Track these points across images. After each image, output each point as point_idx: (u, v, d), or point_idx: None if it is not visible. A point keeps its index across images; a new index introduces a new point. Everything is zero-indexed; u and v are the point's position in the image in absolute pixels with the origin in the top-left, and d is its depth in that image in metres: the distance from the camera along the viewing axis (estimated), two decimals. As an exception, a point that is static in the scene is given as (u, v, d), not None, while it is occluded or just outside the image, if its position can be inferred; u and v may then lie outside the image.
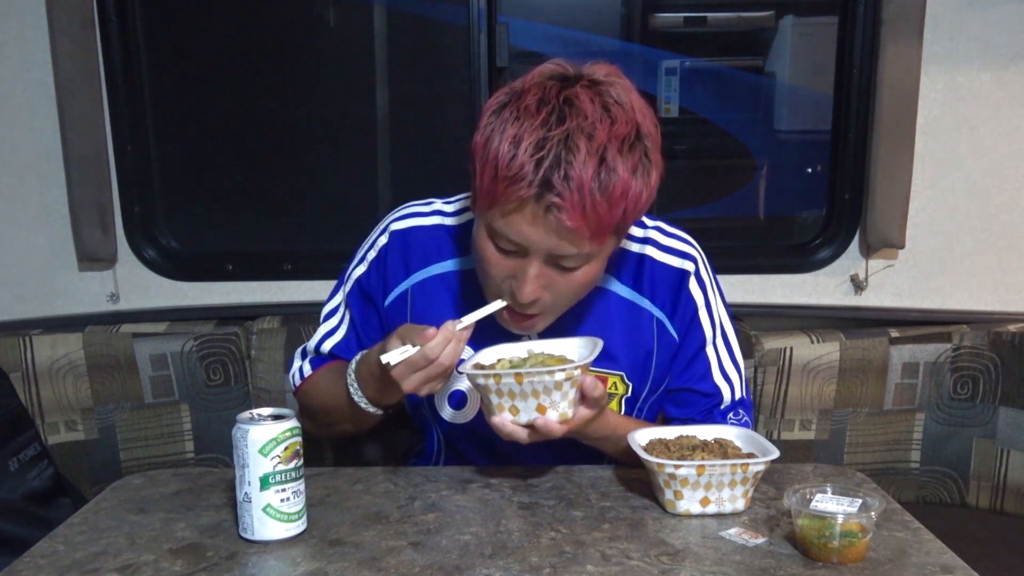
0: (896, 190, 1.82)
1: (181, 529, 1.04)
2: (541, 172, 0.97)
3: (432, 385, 1.06)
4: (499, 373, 1.03)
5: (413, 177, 2.19)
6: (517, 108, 1.00)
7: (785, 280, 1.95)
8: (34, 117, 1.85)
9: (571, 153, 0.97)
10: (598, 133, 0.98)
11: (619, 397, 1.26)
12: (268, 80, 2.10)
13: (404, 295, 1.26)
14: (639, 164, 1.01)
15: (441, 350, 1.03)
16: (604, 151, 0.98)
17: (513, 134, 0.99)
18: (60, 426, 1.79)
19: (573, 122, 0.98)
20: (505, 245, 1.05)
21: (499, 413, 1.05)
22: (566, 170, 0.97)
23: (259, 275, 1.96)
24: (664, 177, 1.08)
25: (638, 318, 1.24)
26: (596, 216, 0.99)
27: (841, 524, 0.94)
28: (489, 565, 0.94)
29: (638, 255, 1.25)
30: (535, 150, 0.97)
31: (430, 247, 1.26)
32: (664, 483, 1.06)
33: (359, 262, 1.30)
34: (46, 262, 1.92)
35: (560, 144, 0.97)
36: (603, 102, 1.00)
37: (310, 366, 1.33)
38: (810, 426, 1.81)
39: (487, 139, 1.02)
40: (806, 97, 2.30)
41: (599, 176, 0.97)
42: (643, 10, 2.29)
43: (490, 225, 1.05)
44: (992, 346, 1.80)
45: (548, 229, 1.00)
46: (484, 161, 1.01)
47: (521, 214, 1.00)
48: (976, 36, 1.81)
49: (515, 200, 0.99)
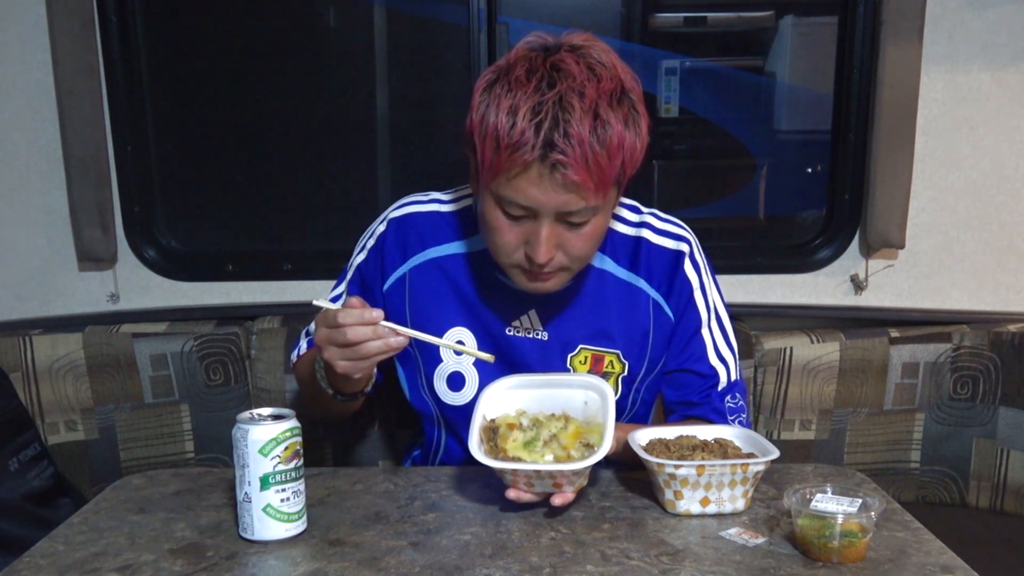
0: (896, 190, 1.82)
1: (181, 529, 1.04)
2: (542, 134, 1.02)
3: (347, 362, 1.07)
4: (516, 468, 1.03)
5: (413, 177, 2.19)
6: (508, 81, 1.05)
7: (785, 280, 1.95)
8: (34, 117, 1.84)
9: (567, 112, 1.02)
10: (588, 91, 1.03)
11: (616, 376, 1.28)
12: (268, 80, 2.10)
13: (402, 279, 1.29)
14: (629, 116, 1.07)
15: (350, 320, 1.04)
16: (596, 107, 1.03)
17: (509, 104, 1.03)
18: (60, 426, 1.79)
19: (563, 84, 1.03)
20: (514, 211, 1.09)
21: (514, 487, 1.06)
22: (565, 128, 1.02)
23: (259, 275, 1.96)
24: (665, 175, 1.10)
25: (634, 298, 1.27)
26: (598, 168, 1.04)
27: (841, 524, 0.94)
28: (489, 565, 0.94)
29: (635, 238, 1.28)
30: (532, 115, 1.02)
31: (427, 232, 1.29)
32: (664, 483, 1.06)
33: (360, 251, 1.35)
34: (46, 262, 1.92)
35: (555, 106, 1.02)
36: (587, 63, 1.06)
37: (306, 345, 1.39)
38: (810, 426, 1.81)
39: (483, 116, 1.06)
40: (806, 97, 2.30)
41: (596, 130, 1.03)
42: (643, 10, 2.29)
43: (497, 194, 1.09)
44: (992, 346, 1.80)
45: (555, 186, 1.04)
46: (483, 136, 1.06)
47: (527, 177, 1.05)
48: (976, 36, 1.81)
49: (520, 165, 1.04)
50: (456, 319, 1.25)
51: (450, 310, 1.26)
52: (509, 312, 1.25)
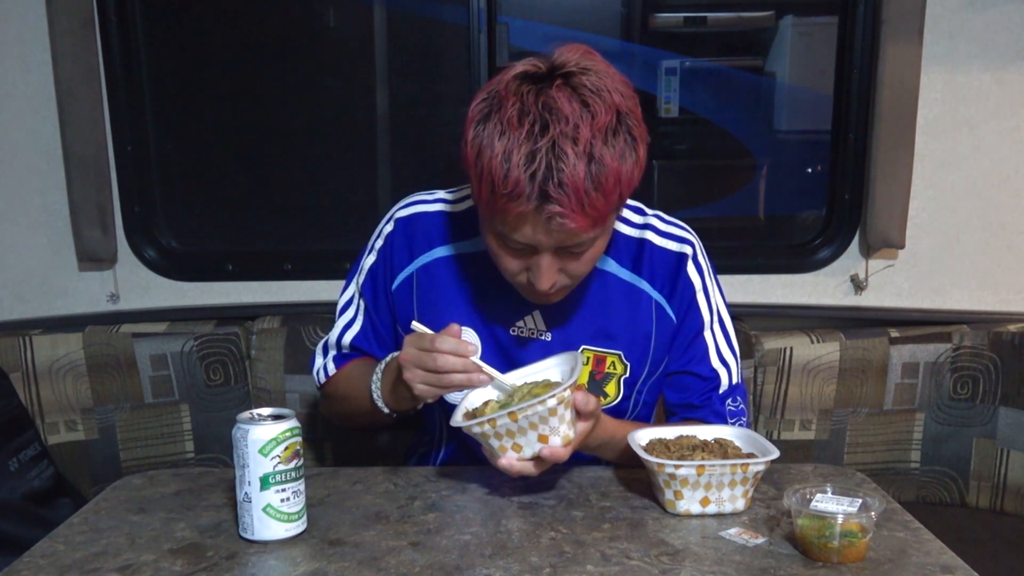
0: (896, 190, 1.82)
1: (181, 529, 1.04)
2: (536, 185, 1.01)
3: (427, 387, 1.09)
4: (493, 417, 1.03)
5: (413, 177, 2.19)
6: (500, 121, 1.03)
7: (785, 280, 1.95)
8: (34, 117, 1.84)
9: (560, 160, 1.00)
10: (582, 132, 1.01)
11: (617, 377, 1.28)
12: (268, 80, 2.10)
13: (410, 279, 1.29)
14: (624, 147, 1.05)
15: (446, 347, 1.06)
16: (591, 149, 1.02)
17: (502, 149, 1.02)
18: (60, 426, 1.79)
19: (556, 128, 1.01)
20: (514, 244, 1.09)
21: (503, 455, 1.05)
22: (559, 177, 1.00)
23: (259, 275, 1.96)
24: (665, 175, 1.11)
25: (637, 300, 1.27)
26: (595, 209, 1.03)
27: (841, 524, 0.94)
28: (489, 565, 0.94)
29: (638, 240, 1.28)
30: (527, 163, 1.01)
31: (433, 231, 1.30)
32: (664, 483, 1.06)
33: (369, 252, 1.34)
34: (46, 262, 1.92)
35: (549, 153, 1.01)
36: (580, 98, 1.03)
37: (334, 364, 1.38)
38: (810, 426, 1.81)
39: (478, 153, 1.05)
40: (806, 97, 2.30)
41: (591, 174, 1.01)
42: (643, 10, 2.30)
43: (496, 230, 1.10)
44: (992, 346, 1.80)
45: (552, 231, 1.05)
46: (479, 176, 1.05)
47: (524, 223, 1.05)
48: (976, 36, 1.81)
49: (515, 214, 1.04)
50: (462, 319, 1.25)
51: (456, 310, 1.27)
52: (513, 313, 1.26)
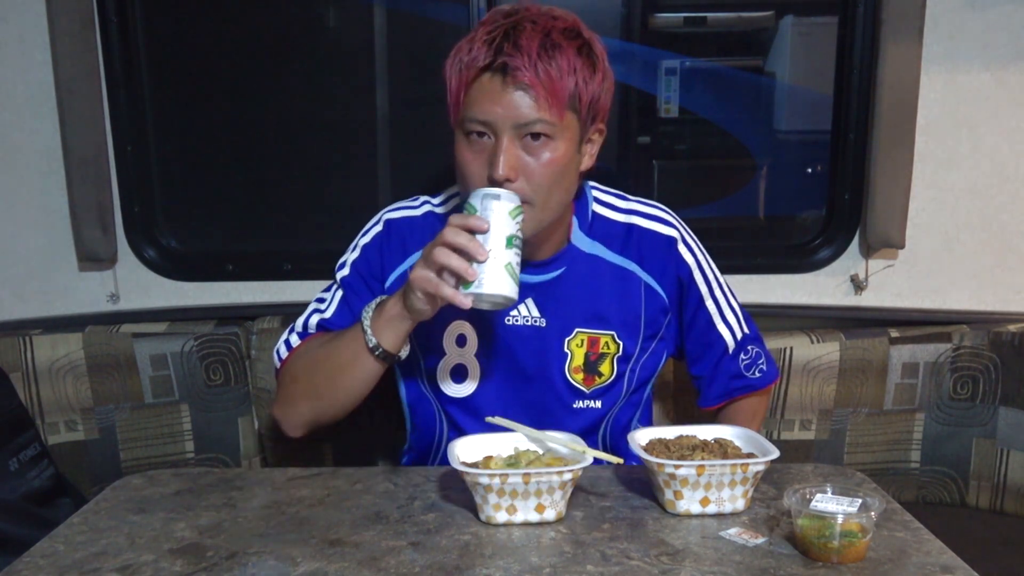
0: (896, 190, 1.82)
1: (181, 529, 1.04)
2: (493, 45, 1.12)
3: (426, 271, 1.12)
4: (507, 472, 1.03)
5: (413, 177, 2.19)
6: (473, 31, 1.17)
7: (785, 280, 1.95)
8: (34, 117, 1.84)
9: (517, 30, 1.13)
10: (542, 20, 1.14)
11: (611, 356, 1.35)
12: (268, 80, 2.09)
13: (405, 276, 1.31)
14: (583, 47, 1.16)
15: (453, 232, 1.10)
16: (549, 31, 1.13)
17: (469, 38, 1.16)
18: (60, 426, 1.79)
19: (519, 15, 1.15)
20: (476, 128, 1.15)
21: (495, 513, 1.05)
22: (515, 39, 1.12)
23: (259, 275, 1.96)
24: (665, 175, 1.13)
25: (627, 282, 1.34)
26: (548, 77, 1.11)
27: (841, 524, 0.94)
28: (489, 565, 0.94)
29: (625, 224, 1.35)
30: (487, 35, 1.14)
31: (425, 232, 1.34)
32: (664, 483, 1.06)
33: (352, 249, 1.39)
34: (46, 262, 1.92)
35: (509, 26, 1.14)
36: (550, 12, 1.17)
37: (298, 337, 1.37)
38: (810, 426, 1.81)
39: (449, 60, 1.17)
40: (806, 97, 2.29)
41: (545, 46, 1.12)
42: (643, 10, 2.29)
43: (462, 123, 1.17)
44: (992, 346, 1.80)
45: (507, 92, 1.12)
46: (449, 71, 1.17)
47: (480, 88, 1.13)
48: (976, 36, 1.81)
49: (474, 72, 1.13)
50: (458, 313, 1.26)
51: (452, 304, 1.27)
52: None
